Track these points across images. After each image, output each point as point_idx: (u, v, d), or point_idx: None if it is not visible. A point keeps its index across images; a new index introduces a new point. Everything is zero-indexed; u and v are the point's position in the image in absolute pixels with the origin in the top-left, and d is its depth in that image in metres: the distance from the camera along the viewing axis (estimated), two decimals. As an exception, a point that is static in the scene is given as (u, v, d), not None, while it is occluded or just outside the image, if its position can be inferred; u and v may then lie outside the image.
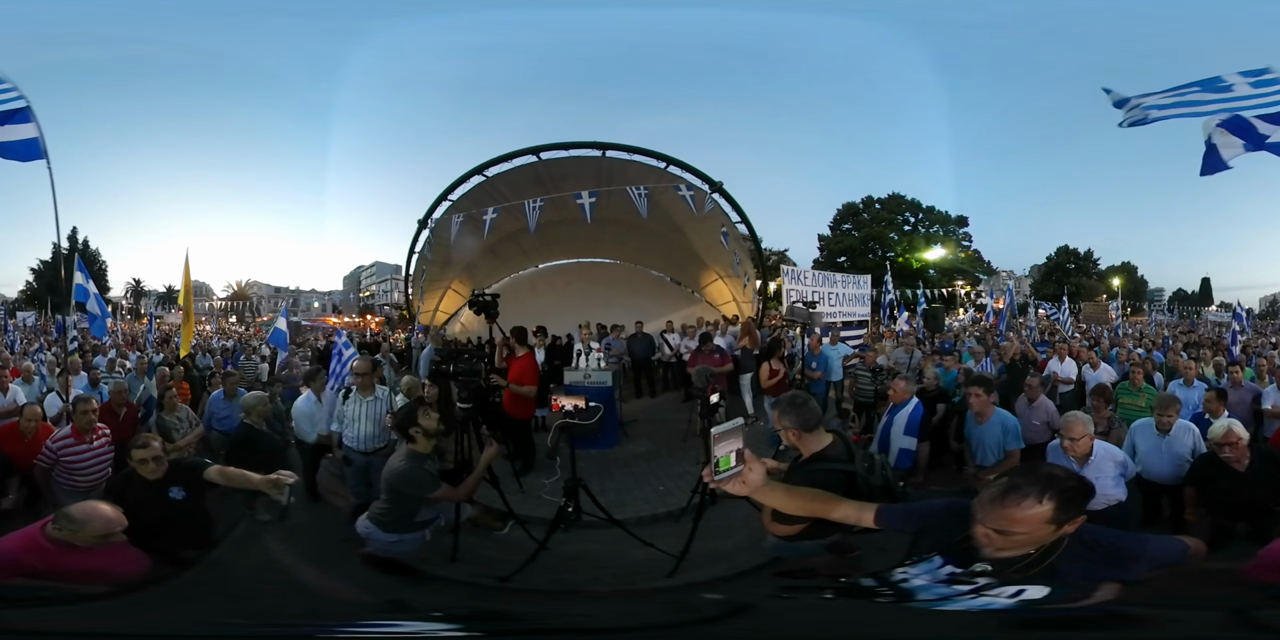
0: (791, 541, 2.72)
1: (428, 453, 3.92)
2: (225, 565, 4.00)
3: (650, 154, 12.32)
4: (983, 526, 1.67)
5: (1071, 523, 1.67)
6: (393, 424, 4.48)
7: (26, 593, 2.49)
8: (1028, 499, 1.61)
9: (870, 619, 1.88)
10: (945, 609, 1.72)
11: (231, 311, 47.40)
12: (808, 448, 2.78)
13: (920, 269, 37.18)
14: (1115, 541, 1.78)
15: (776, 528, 2.64)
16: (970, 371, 7.68)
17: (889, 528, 2.04)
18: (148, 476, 3.61)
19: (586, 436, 6.22)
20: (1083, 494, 1.67)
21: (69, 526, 2.56)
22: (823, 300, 11.15)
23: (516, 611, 2.57)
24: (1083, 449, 3.95)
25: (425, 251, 13.64)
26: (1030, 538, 1.67)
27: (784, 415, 2.78)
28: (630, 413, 9.09)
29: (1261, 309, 45.43)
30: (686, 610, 2.45)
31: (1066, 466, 3.96)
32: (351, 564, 4.16)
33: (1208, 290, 53.52)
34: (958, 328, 18.98)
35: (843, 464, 2.72)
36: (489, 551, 4.66)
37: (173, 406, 6.05)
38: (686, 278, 17.32)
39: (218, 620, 2.17)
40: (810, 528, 2.48)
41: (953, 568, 1.77)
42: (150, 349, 13.18)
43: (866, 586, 1.89)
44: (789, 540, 2.71)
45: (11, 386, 6.70)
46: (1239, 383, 6.62)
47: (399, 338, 16.87)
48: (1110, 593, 1.68)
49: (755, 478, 1.83)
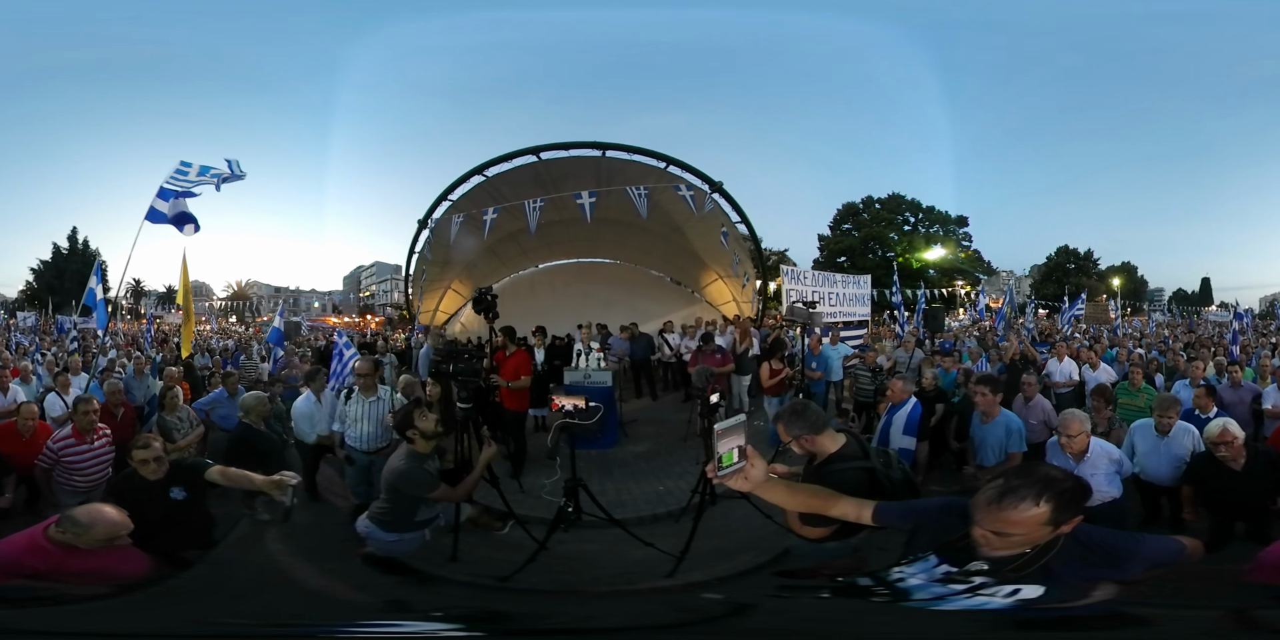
0: (818, 544, 2.70)
1: (428, 453, 3.93)
2: (225, 565, 4.01)
3: (650, 154, 12.33)
4: (980, 527, 1.68)
5: (1069, 523, 1.67)
6: (392, 425, 4.49)
7: (28, 594, 2.49)
8: (1025, 501, 1.61)
9: (870, 619, 1.88)
10: (943, 609, 1.73)
11: (231, 311, 47.39)
12: (824, 449, 2.76)
13: (920, 269, 37.18)
14: (1111, 541, 1.79)
15: (805, 530, 2.64)
16: (970, 371, 7.69)
17: (886, 525, 2.05)
18: (149, 477, 3.60)
19: (586, 436, 6.22)
20: (1080, 495, 1.68)
21: (74, 529, 2.55)
22: (823, 300, 11.14)
23: (516, 611, 2.57)
24: (1079, 446, 3.98)
25: (425, 251, 13.65)
26: (1027, 538, 1.67)
27: (791, 425, 2.76)
28: (630, 413, 9.09)
29: (1261, 309, 45.41)
30: (686, 610, 2.46)
31: (1063, 463, 4.00)
32: (351, 564, 4.17)
33: (1208, 290, 53.56)
34: (958, 328, 18.98)
35: (861, 461, 2.72)
36: (489, 551, 4.66)
37: (174, 407, 6.04)
38: (686, 278, 17.32)
39: (218, 620, 2.17)
40: (838, 529, 2.47)
41: (949, 567, 1.77)
42: (150, 349, 13.16)
43: (866, 587, 1.89)
44: (816, 542, 2.69)
45: (12, 386, 6.70)
46: (1239, 383, 6.62)
47: (399, 337, 16.87)
48: (1106, 592, 1.69)
49: (757, 474, 1.85)
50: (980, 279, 40.87)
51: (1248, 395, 6.46)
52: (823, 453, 2.76)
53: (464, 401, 4.73)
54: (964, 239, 42.27)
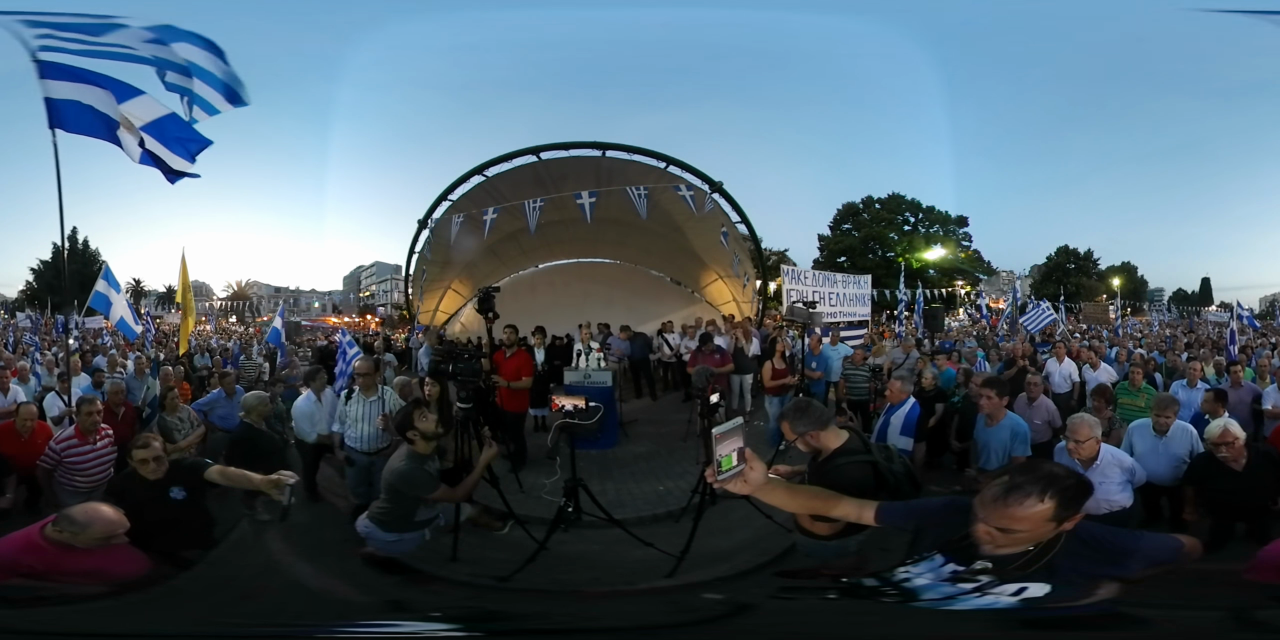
0: (827, 541, 2.76)
1: (428, 453, 3.92)
2: (225, 565, 4.01)
3: (650, 154, 12.32)
4: (984, 524, 1.68)
5: (1071, 520, 1.68)
6: (392, 426, 4.48)
7: (25, 593, 2.48)
8: (1030, 497, 1.62)
9: (871, 619, 1.88)
10: (945, 609, 1.73)
11: (231, 311, 47.34)
12: (827, 445, 2.84)
13: (920, 269, 37.16)
14: (1112, 538, 1.80)
15: (816, 526, 2.70)
16: (970, 371, 7.68)
17: (889, 525, 2.05)
18: (148, 477, 3.60)
19: (586, 436, 6.21)
20: (1083, 491, 1.69)
21: (70, 529, 2.54)
22: (823, 300, 11.13)
23: (516, 611, 2.57)
24: (1088, 452, 3.85)
25: (425, 251, 13.65)
26: (1031, 535, 1.68)
27: (796, 422, 2.83)
28: (630, 413, 9.09)
29: (1261, 309, 45.38)
30: (686, 610, 2.46)
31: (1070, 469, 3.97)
32: (351, 564, 4.17)
33: (1208, 290, 53.44)
34: (958, 328, 18.96)
35: (864, 456, 2.79)
36: (489, 551, 4.66)
37: (174, 407, 6.04)
38: (686, 278, 17.31)
39: (218, 620, 2.17)
40: (846, 526, 2.50)
41: (953, 566, 1.78)
42: (150, 349, 13.15)
43: (867, 586, 1.89)
44: (826, 540, 2.75)
45: (12, 387, 6.70)
46: (1239, 383, 6.62)
47: (399, 337, 16.87)
48: (1108, 591, 1.69)
49: (757, 476, 1.84)
50: (980, 279, 40.86)
51: (1247, 395, 6.46)
52: (826, 449, 2.84)
53: (464, 401, 4.73)
54: (964, 239, 42.25)
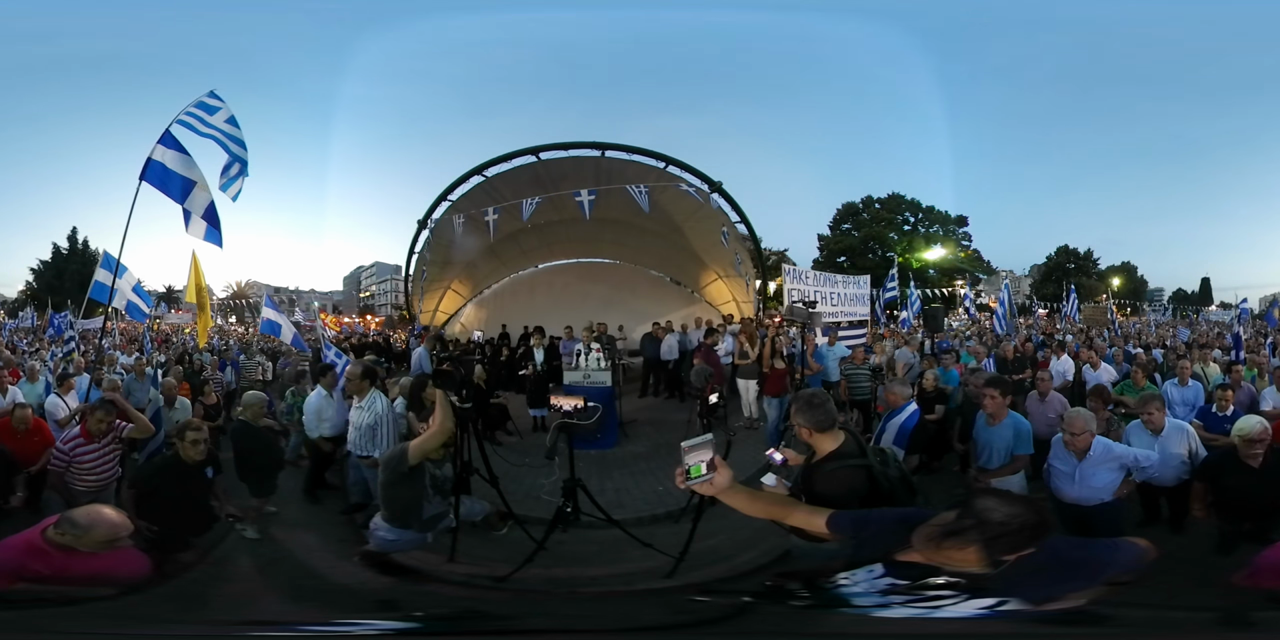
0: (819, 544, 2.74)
1: (415, 461, 3.82)
2: (224, 565, 4.01)
3: (650, 154, 12.33)
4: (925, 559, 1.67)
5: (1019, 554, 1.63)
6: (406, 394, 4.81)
7: (27, 596, 2.47)
8: (969, 544, 1.61)
9: (870, 620, 1.88)
10: (944, 609, 1.72)
11: (231, 311, 47.30)
12: (823, 447, 2.83)
13: (920, 269, 37.13)
14: (1069, 550, 1.78)
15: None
16: (974, 369, 7.68)
17: (837, 534, 2.06)
18: (194, 457, 4.22)
19: (586, 436, 6.21)
20: (1036, 531, 1.63)
21: (73, 531, 2.51)
22: (823, 300, 11.14)
23: (515, 611, 2.57)
24: (1082, 444, 3.97)
25: (425, 252, 13.65)
26: (973, 567, 1.65)
27: (800, 413, 2.83)
28: (630, 413, 9.10)
29: (1261, 309, 45.36)
30: (685, 611, 2.45)
31: (1067, 459, 3.98)
32: (351, 564, 4.18)
33: (1208, 290, 53.38)
34: (958, 328, 18.94)
35: (858, 459, 2.77)
36: (488, 551, 4.67)
37: (171, 401, 6.38)
38: (686, 278, 17.30)
39: (217, 620, 2.17)
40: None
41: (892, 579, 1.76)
42: (150, 349, 13.12)
43: (857, 591, 1.89)
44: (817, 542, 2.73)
45: (11, 387, 6.63)
46: (1239, 382, 6.62)
47: (401, 337, 16.82)
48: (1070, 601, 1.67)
49: (722, 481, 2.00)
50: (980, 278, 40.84)
51: (1245, 397, 6.45)
52: (821, 451, 2.83)
53: (464, 401, 4.73)
54: (964, 239, 42.23)
